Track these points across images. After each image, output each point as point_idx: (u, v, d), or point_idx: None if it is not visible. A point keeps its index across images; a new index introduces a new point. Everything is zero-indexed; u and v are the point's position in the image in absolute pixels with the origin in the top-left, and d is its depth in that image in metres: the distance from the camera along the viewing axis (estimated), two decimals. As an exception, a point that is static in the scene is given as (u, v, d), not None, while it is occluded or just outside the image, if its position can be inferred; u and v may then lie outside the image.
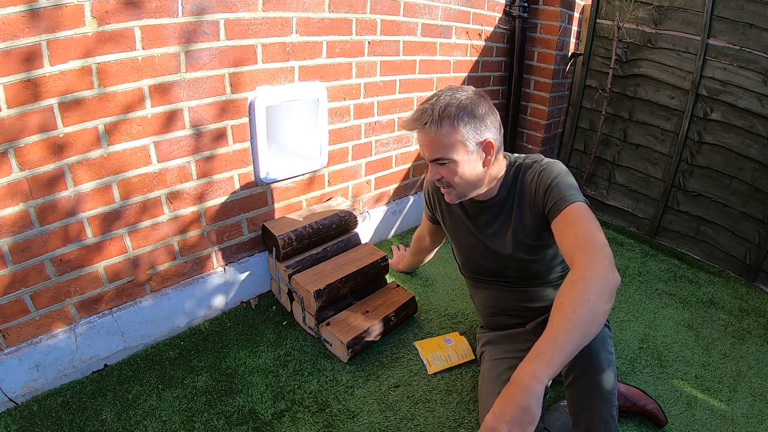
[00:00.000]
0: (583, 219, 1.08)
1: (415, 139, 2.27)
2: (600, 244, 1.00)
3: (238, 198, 1.69)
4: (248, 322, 1.73)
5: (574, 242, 1.04)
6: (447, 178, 1.20)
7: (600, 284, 0.92)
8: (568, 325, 0.88)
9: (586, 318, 0.89)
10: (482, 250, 1.36)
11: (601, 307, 0.90)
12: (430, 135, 1.15)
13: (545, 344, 0.88)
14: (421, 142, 1.20)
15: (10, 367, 1.30)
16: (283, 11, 1.57)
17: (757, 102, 2.01)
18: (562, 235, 1.10)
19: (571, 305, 0.90)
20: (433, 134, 1.14)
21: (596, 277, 0.93)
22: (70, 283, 1.37)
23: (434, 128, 1.13)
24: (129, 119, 1.34)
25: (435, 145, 1.16)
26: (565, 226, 1.10)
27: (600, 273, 0.94)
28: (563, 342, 0.87)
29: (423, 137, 1.18)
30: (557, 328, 0.89)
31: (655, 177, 2.45)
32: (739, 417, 1.42)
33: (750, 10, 1.95)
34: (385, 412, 1.39)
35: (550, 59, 2.56)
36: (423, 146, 1.20)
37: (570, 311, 0.89)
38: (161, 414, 1.34)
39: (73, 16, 1.17)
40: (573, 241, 1.05)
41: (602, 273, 0.94)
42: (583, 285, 0.92)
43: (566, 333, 0.87)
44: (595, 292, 0.91)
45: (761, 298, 2.05)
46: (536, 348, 0.89)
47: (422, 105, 1.18)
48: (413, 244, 1.90)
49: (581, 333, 0.88)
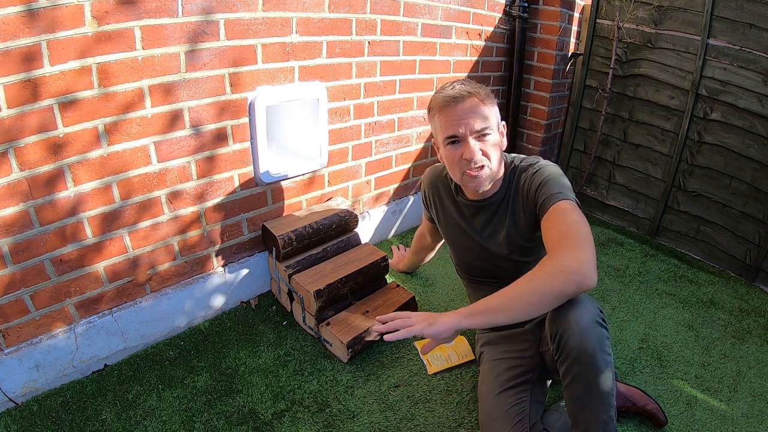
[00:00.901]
0: (568, 215, 1.09)
1: (416, 138, 2.27)
2: (580, 240, 1.02)
3: (238, 198, 1.69)
4: (248, 322, 1.73)
5: (555, 237, 1.06)
6: (486, 152, 1.19)
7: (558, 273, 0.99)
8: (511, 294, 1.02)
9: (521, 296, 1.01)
10: (477, 251, 1.36)
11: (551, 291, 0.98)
12: (481, 104, 1.18)
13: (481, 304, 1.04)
14: (465, 115, 1.17)
15: (10, 367, 1.30)
16: (283, 11, 1.57)
17: (757, 102, 2.01)
18: (546, 230, 1.11)
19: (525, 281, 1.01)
20: (484, 105, 1.19)
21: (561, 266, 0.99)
22: (70, 283, 1.37)
23: (486, 98, 1.19)
24: (129, 119, 1.34)
25: (482, 115, 1.18)
26: (550, 222, 1.11)
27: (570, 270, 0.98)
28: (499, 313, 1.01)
29: (473, 107, 1.17)
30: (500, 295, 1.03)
31: (655, 177, 2.45)
32: (739, 417, 1.42)
33: (750, 10, 1.95)
34: (385, 412, 1.39)
35: (550, 59, 2.56)
36: (470, 118, 1.17)
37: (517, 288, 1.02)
38: (161, 414, 1.34)
39: (73, 16, 1.17)
40: (554, 236, 1.07)
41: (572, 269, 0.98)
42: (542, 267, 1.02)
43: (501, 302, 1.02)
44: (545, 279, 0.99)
45: (761, 298, 2.05)
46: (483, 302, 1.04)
47: (458, 87, 1.19)
48: (414, 242, 1.90)
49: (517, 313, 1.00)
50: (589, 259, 0.98)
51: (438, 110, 1.22)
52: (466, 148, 1.18)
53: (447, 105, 1.19)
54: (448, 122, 1.19)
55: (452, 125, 1.18)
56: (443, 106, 1.19)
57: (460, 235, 1.39)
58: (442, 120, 1.20)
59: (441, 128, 1.22)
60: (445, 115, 1.19)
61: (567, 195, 1.13)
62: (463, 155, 1.19)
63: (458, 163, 1.21)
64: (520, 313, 0.99)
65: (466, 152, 1.18)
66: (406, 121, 2.19)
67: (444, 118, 1.20)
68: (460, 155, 1.19)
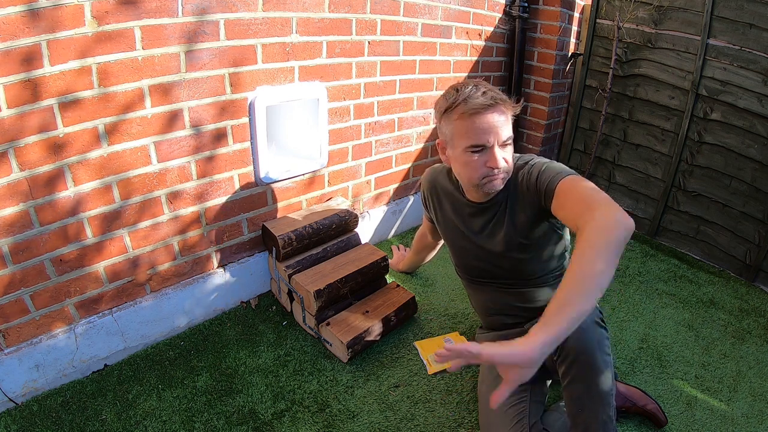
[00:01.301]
0: (578, 186, 1.07)
1: (416, 138, 2.27)
2: (602, 200, 0.99)
3: (238, 198, 1.69)
4: (248, 322, 1.73)
5: (576, 209, 1.03)
6: (507, 160, 1.19)
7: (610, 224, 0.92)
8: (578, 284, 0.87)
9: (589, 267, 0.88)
10: (476, 251, 1.36)
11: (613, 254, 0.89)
12: (507, 113, 1.17)
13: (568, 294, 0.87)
14: (494, 125, 1.14)
15: (10, 367, 1.30)
16: (283, 11, 1.57)
17: (757, 102, 2.01)
18: (562, 208, 1.09)
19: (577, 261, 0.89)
20: (509, 112, 1.17)
21: (605, 218, 0.93)
22: (70, 283, 1.37)
23: (508, 106, 1.17)
24: (129, 119, 1.34)
25: (509, 125, 1.17)
26: (561, 200, 1.09)
27: (609, 215, 0.94)
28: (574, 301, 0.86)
29: (502, 117, 1.15)
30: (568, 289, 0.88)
31: (655, 177, 2.45)
32: (739, 417, 1.42)
33: (750, 10, 1.95)
34: (385, 412, 1.39)
35: (550, 59, 2.56)
36: (499, 128, 1.14)
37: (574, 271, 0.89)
38: (161, 414, 1.34)
39: (73, 16, 1.17)
40: (574, 210, 1.03)
41: (611, 215, 0.94)
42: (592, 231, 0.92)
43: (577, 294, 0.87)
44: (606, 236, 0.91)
45: (761, 298, 2.05)
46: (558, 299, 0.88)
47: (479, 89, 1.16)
48: (416, 242, 1.90)
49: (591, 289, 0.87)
50: (619, 207, 0.97)
51: (461, 115, 1.15)
52: (492, 158, 1.15)
53: (477, 113, 1.13)
54: (476, 131, 1.14)
55: (481, 134, 1.14)
56: (471, 113, 1.13)
57: (458, 236, 1.40)
58: (467, 126, 1.15)
59: (464, 135, 1.16)
60: (472, 122, 1.14)
61: (568, 173, 1.12)
62: (487, 163, 1.16)
63: (480, 169, 1.18)
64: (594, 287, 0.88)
65: (491, 161, 1.15)
66: (406, 121, 2.19)
67: (471, 125, 1.15)
68: (483, 163, 1.17)
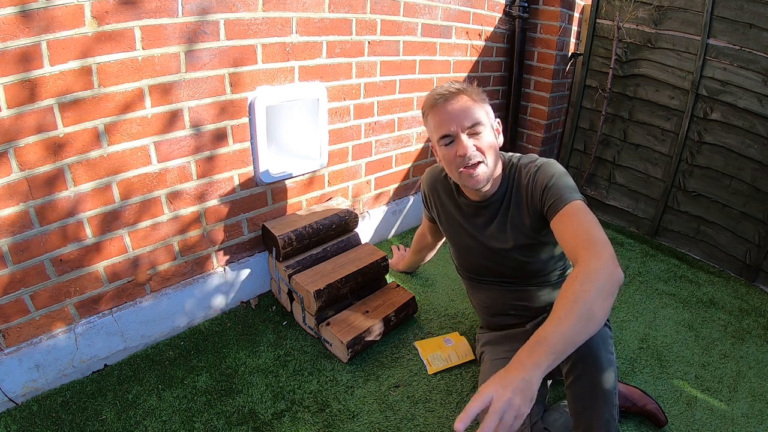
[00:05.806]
0: (582, 217, 1.08)
1: (416, 138, 2.27)
2: (601, 242, 1.01)
3: (238, 198, 1.69)
4: (248, 322, 1.73)
5: (575, 240, 1.04)
6: (480, 148, 1.19)
7: (602, 279, 0.92)
8: (570, 315, 0.88)
9: (585, 312, 0.89)
10: (480, 249, 1.36)
11: (602, 303, 0.90)
12: (470, 101, 1.19)
13: (546, 332, 0.88)
14: (455, 113, 1.18)
15: (10, 367, 1.29)
16: (283, 11, 1.57)
17: (757, 102, 2.01)
18: (563, 233, 1.10)
19: (574, 299, 0.90)
20: (474, 100, 1.19)
21: (599, 271, 0.93)
22: (70, 283, 1.37)
23: (476, 95, 1.21)
24: (129, 119, 1.34)
25: (473, 111, 1.18)
26: (564, 224, 1.10)
27: (603, 269, 0.94)
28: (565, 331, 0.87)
29: (463, 104, 1.18)
30: (559, 318, 0.89)
31: (655, 177, 2.45)
32: (739, 417, 1.42)
33: (750, 10, 1.95)
34: (385, 412, 1.39)
35: (550, 59, 2.56)
36: (460, 115, 1.17)
37: (572, 303, 0.89)
38: (161, 414, 1.34)
39: (72, 16, 1.17)
40: (574, 239, 1.05)
41: (605, 269, 0.94)
42: (585, 279, 0.93)
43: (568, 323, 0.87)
44: (596, 288, 0.91)
45: (761, 298, 2.05)
46: (537, 336, 0.88)
47: (447, 86, 1.21)
48: (415, 242, 1.90)
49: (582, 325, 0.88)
50: (616, 258, 0.98)
51: (429, 111, 1.22)
52: (459, 145, 1.18)
53: (436, 104, 1.19)
54: (440, 121, 1.19)
55: (444, 124, 1.19)
56: (433, 105, 1.20)
57: (462, 235, 1.39)
58: (434, 120, 1.21)
59: (434, 129, 1.22)
60: (436, 115, 1.20)
61: (575, 196, 1.13)
62: (457, 152, 1.18)
63: (454, 161, 1.20)
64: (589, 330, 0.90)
65: (459, 149, 1.18)
66: (406, 121, 2.19)
67: (435, 117, 1.21)
68: (454, 153, 1.19)
